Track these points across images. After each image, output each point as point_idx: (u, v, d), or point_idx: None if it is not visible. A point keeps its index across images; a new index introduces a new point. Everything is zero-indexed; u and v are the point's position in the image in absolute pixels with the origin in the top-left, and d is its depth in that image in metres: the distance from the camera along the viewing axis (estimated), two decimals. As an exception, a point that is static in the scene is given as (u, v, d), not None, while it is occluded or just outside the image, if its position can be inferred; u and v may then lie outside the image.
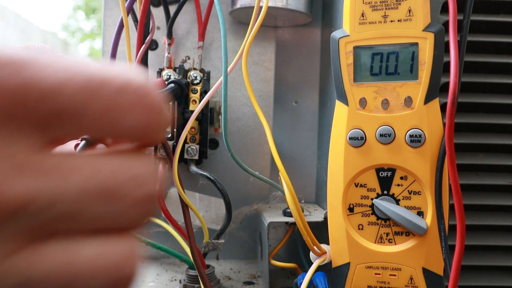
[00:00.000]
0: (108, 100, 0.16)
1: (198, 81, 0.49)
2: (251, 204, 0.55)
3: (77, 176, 0.16)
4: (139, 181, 0.17)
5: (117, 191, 0.16)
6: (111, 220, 0.16)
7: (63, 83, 0.15)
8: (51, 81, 0.15)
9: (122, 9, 0.43)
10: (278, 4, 0.49)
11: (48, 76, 0.15)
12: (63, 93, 0.15)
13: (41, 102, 0.15)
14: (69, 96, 0.15)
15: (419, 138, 0.36)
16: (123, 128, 0.17)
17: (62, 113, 0.15)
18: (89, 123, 0.16)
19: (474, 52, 0.44)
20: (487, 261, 0.45)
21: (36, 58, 0.15)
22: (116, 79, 0.17)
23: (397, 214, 0.36)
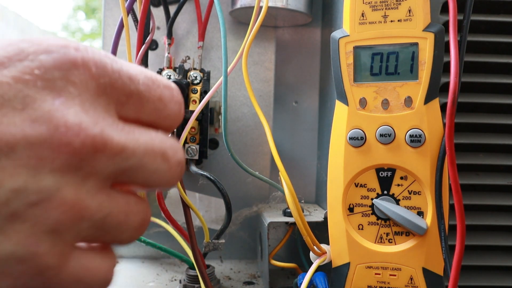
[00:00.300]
0: (160, 90, 0.23)
1: (198, 81, 0.49)
2: (251, 204, 0.55)
3: (143, 139, 0.21)
4: (176, 148, 0.23)
5: (165, 153, 0.22)
6: (161, 176, 0.22)
7: (138, 73, 0.22)
8: (132, 71, 0.22)
9: (122, 9, 0.43)
10: (278, 4, 0.49)
11: (129, 68, 0.22)
12: (139, 80, 0.22)
13: (128, 83, 0.21)
14: (142, 83, 0.22)
15: (419, 138, 0.36)
16: (164, 115, 0.23)
17: (139, 94, 0.22)
18: (149, 106, 0.22)
19: (474, 52, 0.44)
20: (487, 261, 0.45)
21: (115, 57, 0.22)
22: (161, 77, 0.23)
23: (397, 214, 0.36)
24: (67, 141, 0.18)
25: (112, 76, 0.21)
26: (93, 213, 0.20)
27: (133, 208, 0.22)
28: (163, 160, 0.22)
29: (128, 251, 0.56)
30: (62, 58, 0.19)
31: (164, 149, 0.22)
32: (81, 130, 0.18)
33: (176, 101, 0.24)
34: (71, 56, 0.20)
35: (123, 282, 0.49)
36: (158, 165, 0.21)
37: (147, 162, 0.21)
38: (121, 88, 0.21)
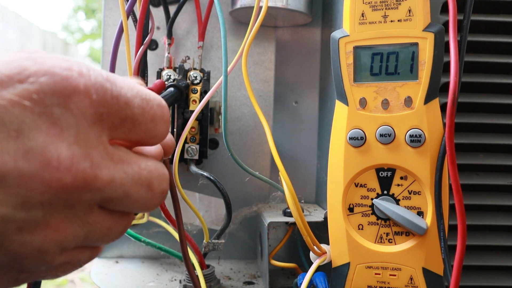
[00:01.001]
0: (153, 111, 0.23)
1: (198, 81, 0.49)
2: (251, 204, 0.55)
3: (131, 171, 0.22)
4: (162, 179, 0.24)
5: (151, 184, 0.23)
6: (143, 204, 0.23)
7: (134, 96, 0.22)
8: (129, 94, 0.22)
9: (121, 10, 0.43)
10: (278, 4, 0.49)
11: (126, 92, 0.22)
12: (134, 103, 0.22)
13: (124, 108, 0.21)
14: (137, 106, 0.22)
15: (419, 138, 0.36)
16: (153, 135, 0.24)
17: (132, 118, 0.22)
18: (140, 128, 0.23)
19: (474, 52, 0.44)
20: (487, 261, 0.45)
21: (114, 78, 0.22)
22: (154, 95, 0.24)
23: (397, 214, 0.36)
24: (58, 177, 0.18)
25: (111, 103, 0.21)
26: (77, 234, 0.21)
27: (115, 224, 0.23)
28: (148, 190, 0.23)
29: (128, 251, 0.56)
30: (63, 83, 0.19)
31: (150, 180, 0.23)
32: (73, 165, 0.19)
33: (166, 121, 0.24)
34: (73, 82, 0.19)
35: (123, 282, 0.49)
36: (142, 195, 0.22)
37: (132, 192, 0.22)
38: (117, 114, 0.21)
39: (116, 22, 0.55)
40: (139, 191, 0.22)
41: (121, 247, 0.56)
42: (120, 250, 0.56)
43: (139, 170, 0.22)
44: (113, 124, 0.21)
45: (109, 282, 0.49)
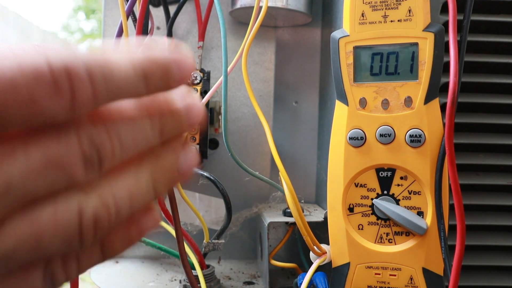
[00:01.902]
0: (23, 93, 0.16)
1: (198, 81, 0.49)
2: (251, 204, 0.55)
3: (23, 158, 0.16)
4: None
5: (57, 164, 0.16)
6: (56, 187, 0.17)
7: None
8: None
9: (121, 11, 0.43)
10: (278, 4, 0.49)
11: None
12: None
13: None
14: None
15: (419, 138, 0.36)
16: (45, 116, 0.16)
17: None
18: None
19: (474, 52, 0.44)
20: (487, 261, 0.45)
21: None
22: (31, 66, 0.16)
23: (397, 214, 0.36)
24: None
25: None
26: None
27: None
28: (57, 171, 0.17)
29: (128, 251, 0.56)
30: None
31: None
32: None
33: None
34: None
35: (123, 282, 0.49)
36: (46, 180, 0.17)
37: (35, 180, 0.16)
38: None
39: (116, 22, 0.55)
40: (38, 179, 0.16)
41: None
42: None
43: (36, 150, 0.16)
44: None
45: (109, 282, 0.49)
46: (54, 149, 0.16)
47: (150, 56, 0.18)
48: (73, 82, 0.16)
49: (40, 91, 0.15)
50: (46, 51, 0.16)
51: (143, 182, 0.18)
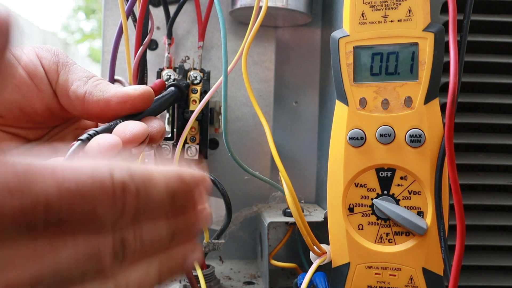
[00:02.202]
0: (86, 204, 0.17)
1: (198, 81, 0.49)
2: (251, 204, 0.55)
3: (72, 250, 0.17)
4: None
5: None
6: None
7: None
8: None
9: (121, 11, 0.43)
10: (278, 4, 0.49)
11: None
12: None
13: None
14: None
15: (419, 138, 0.36)
16: (93, 222, 0.18)
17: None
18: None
19: (474, 52, 0.44)
20: (487, 261, 0.45)
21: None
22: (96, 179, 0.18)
23: (397, 214, 0.36)
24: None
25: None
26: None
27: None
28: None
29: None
30: None
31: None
32: None
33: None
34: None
35: (123, 282, 0.49)
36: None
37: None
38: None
39: (116, 22, 0.55)
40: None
41: None
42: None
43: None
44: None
45: (109, 282, 0.49)
46: (95, 242, 0.18)
47: (180, 175, 0.21)
48: (126, 197, 0.18)
49: (102, 201, 0.17)
50: (111, 164, 0.18)
51: (152, 274, 0.21)
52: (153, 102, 0.33)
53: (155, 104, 0.34)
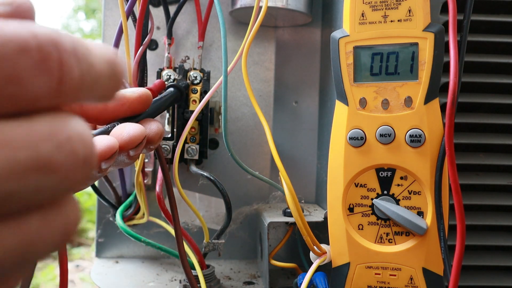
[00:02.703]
0: (6, 67, 0.13)
1: (198, 81, 0.49)
2: (251, 204, 0.55)
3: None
4: (67, 148, 0.15)
5: (44, 163, 0.14)
6: (48, 194, 0.15)
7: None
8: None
9: (121, 11, 0.43)
10: (278, 4, 0.49)
11: None
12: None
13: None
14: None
15: (419, 138, 0.36)
16: (27, 98, 0.14)
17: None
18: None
19: (474, 52, 0.44)
20: (487, 261, 0.45)
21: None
22: (16, 37, 0.14)
23: (397, 214, 0.36)
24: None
25: None
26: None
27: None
28: (45, 173, 0.15)
29: (128, 251, 0.56)
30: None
31: (40, 156, 0.14)
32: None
33: (48, 67, 0.14)
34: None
35: (123, 282, 0.49)
36: (37, 182, 0.15)
37: (18, 184, 0.14)
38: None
39: (116, 22, 0.55)
40: (27, 181, 0.14)
41: (121, 247, 0.56)
42: (120, 250, 0.56)
43: (14, 149, 0.14)
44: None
45: (109, 282, 0.49)
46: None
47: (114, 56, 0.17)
48: (62, 56, 0.14)
49: (26, 64, 0.13)
50: (31, 25, 0.14)
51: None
52: (152, 103, 0.33)
53: (154, 106, 0.34)
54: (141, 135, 0.29)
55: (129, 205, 0.50)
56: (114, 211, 0.50)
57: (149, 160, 0.52)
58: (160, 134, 0.31)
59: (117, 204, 0.51)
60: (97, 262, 0.55)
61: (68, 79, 0.14)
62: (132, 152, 0.29)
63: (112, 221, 0.53)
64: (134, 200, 0.50)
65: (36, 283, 1.40)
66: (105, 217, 0.55)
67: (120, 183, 0.51)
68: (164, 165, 0.37)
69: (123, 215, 0.49)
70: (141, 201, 0.48)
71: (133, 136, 0.29)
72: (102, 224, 0.55)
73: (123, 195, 0.52)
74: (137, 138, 0.29)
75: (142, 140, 0.29)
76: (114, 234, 0.55)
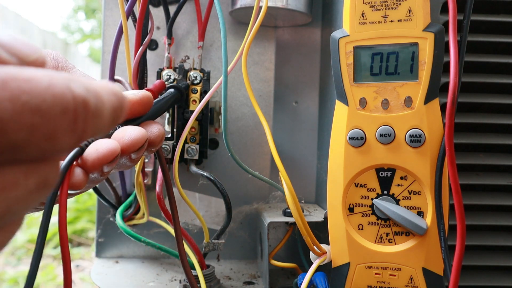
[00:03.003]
0: (49, 127, 0.15)
1: (198, 81, 0.49)
2: (251, 203, 0.55)
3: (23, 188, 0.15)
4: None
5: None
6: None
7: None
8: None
9: (121, 11, 0.43)
10: (278, 4, 0.49)
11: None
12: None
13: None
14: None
15: (419, 138, 0.36)
16: (52, 150, 0.16)
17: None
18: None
19: (474, 52, 0.44)
20: (487, 261, 0.45)
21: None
22: (61, 100, 0.15)
23: (397, 214, 0.36)
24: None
25: None
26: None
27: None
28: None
29: (128, 251, 0.56)
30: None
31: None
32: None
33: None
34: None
35: (123, 282, 0.49)
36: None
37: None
38: None
39: (116, 22, 0.55)
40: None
41: (121, 247, 0.56)
42: (120, 250, 0.56)
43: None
44: None
45: (109, 282, 0.49)
46: (46, 171, 0.16)
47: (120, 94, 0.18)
48: (87, 117, 0.15)
49: (63, 124, 0.15)
50: (69, 82, 0.15)
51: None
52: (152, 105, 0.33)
53: (154, 107, 0.34)
54: (143, 138, 0.29)
55: (129, 205, 0.50)
56: (114, 211, 0.50)
57: (149, 160, 0.52)
58: (161, 136, 0.31)
59: (117, 204, 0.51)
60: (97, 262, 0.55)
61: (85, 135, 0.16)
62: (134, 155, 0.29)
63: (112, 221, 0.53)
64: (134, 200, 0.50)
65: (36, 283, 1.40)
66: (105, 217, 0.55)
67: (120, 183, 0.51)
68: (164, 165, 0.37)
69: (123, 215, 0.49)
70: (141, 201, 0.48)
71: (134, 139, 0.29)
72: (102, 224, 0.55)
73: (123, 195, 0.52)
74: (138, 141, 0.29)
75: (143, 143, 0.29)
76: (114, 234, 0.55)
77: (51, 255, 1.62)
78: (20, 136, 0.13)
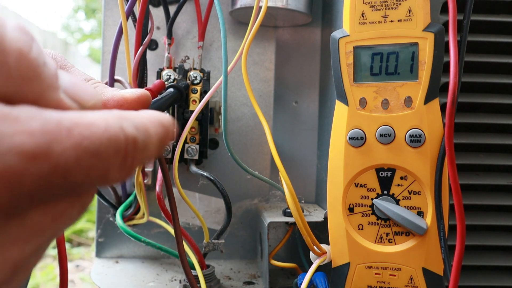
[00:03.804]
0: (102, 166, 0.16)
1: (198, 81, 0.49)
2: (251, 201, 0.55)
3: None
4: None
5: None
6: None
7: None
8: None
9: (121, 11, 0.43)
10: (278, 4, 0.49)
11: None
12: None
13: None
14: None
15: (419, 138, 0.36)
16: (103, 184, 0.17)
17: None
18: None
19: (474, 52, 0.44)
20: (487, 261, 0.45)
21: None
22: (115, 141, 0.16)
23: (397, 214, 0.36)
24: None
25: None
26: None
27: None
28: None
29: (128, 251, 0.56)
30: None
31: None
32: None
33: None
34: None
35: (123, 282, 0.49)
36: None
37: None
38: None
39: (116, 22, 0.55)
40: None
41: (121, 247, 0.56)
42: (120, 250, 0.56)
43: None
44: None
45: (109, 282, 0.49)
46: (89, 200, 0.17)
47: (164, 124, 0.19)
48: (135, 155, 0.16)
49: (115, 161, 0.16)
50: (119, 115, 0.16)
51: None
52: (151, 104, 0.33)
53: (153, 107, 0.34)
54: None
55: (129, 205, 0.50)
56: (114, 211, 0.50)
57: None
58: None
59: (117, 204, 0.51)
60: (97, 262, 0.55)
61: (133, 168, 0.17)
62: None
63: (112, 221, 0.53)
64: (134, 200, 0.50)
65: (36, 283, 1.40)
66: (105, 217, 0.55)
67: (120, 183, 0.51)
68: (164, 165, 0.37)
69: (123, 215, 0.49)
70: (141, 201, 0.48)
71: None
72: (102, 224, 0.55)
73: (123, 195, 0.52)
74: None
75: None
76: (114, 234, 0.55)
77: (51, 255, 1.62)
78: (78, 178, 0.15)
